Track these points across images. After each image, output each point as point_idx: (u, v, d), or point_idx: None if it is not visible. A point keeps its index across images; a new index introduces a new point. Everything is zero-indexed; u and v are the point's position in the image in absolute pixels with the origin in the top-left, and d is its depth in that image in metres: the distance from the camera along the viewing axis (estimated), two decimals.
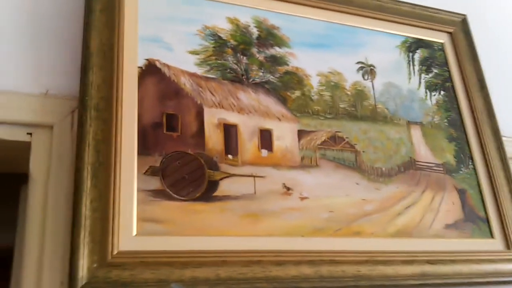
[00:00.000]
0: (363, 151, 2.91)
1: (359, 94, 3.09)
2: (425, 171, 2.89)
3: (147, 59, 2.63)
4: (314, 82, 2.99)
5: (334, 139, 2.89)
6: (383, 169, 2.90)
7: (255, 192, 2.47)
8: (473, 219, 2.72)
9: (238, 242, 2.29)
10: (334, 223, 2.52)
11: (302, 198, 2.52)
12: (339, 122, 2.96)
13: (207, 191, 2.47)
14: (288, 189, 2.60)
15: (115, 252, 2.06)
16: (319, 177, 2.72)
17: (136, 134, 2.41)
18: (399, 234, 2.61)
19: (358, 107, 3.05)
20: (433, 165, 3.08)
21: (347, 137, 2.94)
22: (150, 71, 2.62)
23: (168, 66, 2.68)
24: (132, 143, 2.39)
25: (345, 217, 2.58)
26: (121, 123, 2.39)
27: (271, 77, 2.90)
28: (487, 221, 2.76)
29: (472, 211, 2.76)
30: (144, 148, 2.42)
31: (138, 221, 2.20)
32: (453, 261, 2.45)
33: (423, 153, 3.06)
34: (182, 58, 2.74)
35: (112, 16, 2.61)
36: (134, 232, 2.11)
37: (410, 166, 2.99)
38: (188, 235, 2.21)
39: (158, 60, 2.66)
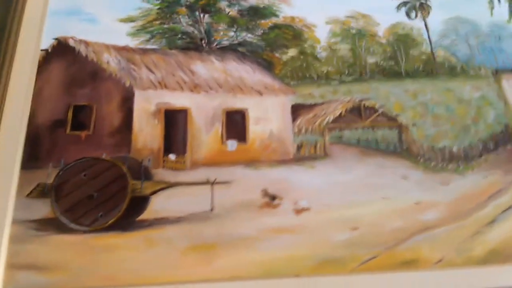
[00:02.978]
0: (413, 124, 1.87)
1: (403, 41, 2.14)
2: None
3: (56, 38, 1.99)
4: (322, 33, 2.09)
5: (359, 111, 1.92)
6: (454, 149, 1.83)
7: (212, 209, 1.77)
8: None
9: None
10: (361, 248, 1.70)
11: (299, 211, 1.63)
12: (367, 85, 2.01)
13: (127, 215, 1.75)
14: (273, 198, 1.66)
15: None
16: (330, 174, 1.78)
17: (21, 141, 1.70)
18: (492, 260, 1.69)
19: (401, 59, 2.03)
20: None
21: (381, 106, 1.91)
22: (59, 52, 1.98)
23: (86, 43, 2.02)
24: (13, 154, 1.70)
25: (384, 236, 1.74)
26: None
27: (249, 36, 2.06)
28: None
29: None
30: (33, 159, 1.74)
31: (6, 270, 1.59)
32: None
33: None
34: (109, 29, 2.08)
35: None
36: None
37: (507, 139, 1.84)
38: (92, 287, 1.58)
39: (72, 37, 2.01)
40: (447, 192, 1.85)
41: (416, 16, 2.24)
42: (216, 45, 2.12)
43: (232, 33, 2.14)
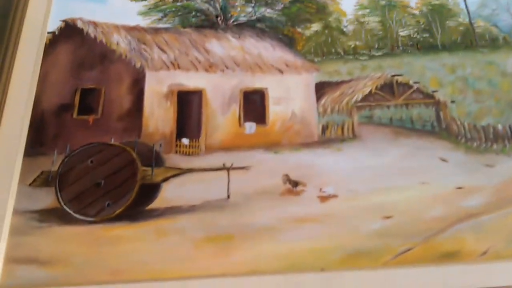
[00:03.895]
0: (452, 101, 1.68)
1: (437, 11, 1.95)
2: None
3: (63, 20, 1.87)
4: (348, 6, 1.92)
5: (391, 88, 1.75)
6: (499, 127, 1.62)
7: (228, 196, 1.62)
8: None
9: None
10: (395, 239, 1.52)
11: (324, 198, 1.53)
12: (400, 60, 1.84)
13: (136, 204, 1.62)
14: (295, 184, 1.50)
15: None
16: (359, 157, 1.62)
17: (25, 127, 1.60)
18: None
19: (437, 32, 1.85)
20: None
21: (417, 82, 1.73)
22: (66, 34, 1.89)
23: (95, 24, 1.91)
24: (17, 140, 1.59)
25: (421, 225, 1.56)
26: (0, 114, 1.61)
27: (268, 11, 1.90)
28: None
29: None
30: (37, 145, 1.63)
31: (5, 264, 1.47)
32: None
33: None
34: (119, 9, 1.97)
35: None
36: None
37: None
38: (96, 282, 1.45)
39: (80, 19, 1.89)
40: (493, 175, 1.67)
41: None
42: (233, 21, 1.97)
43: (250, 9, 1.99)
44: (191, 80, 1.82)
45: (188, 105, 1.77)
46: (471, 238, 1.52)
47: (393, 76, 1.87)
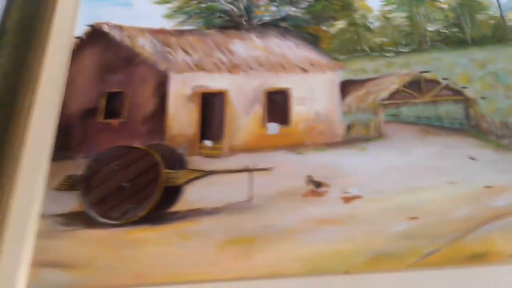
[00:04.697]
0: (482, 98, 1.63)
1: (467, 5, 1.89)
2: None
3: (90, 25, 1.92)
4: (374, 2, 1.91)
5: (418, 85, 1.71)
6: None
7: (251, 198, 1.62)
8: None
9: None
10: (421, 241, 1.49)
11: (348, 199, 1.63)
12: (428, 56, 1.82)
13: (159, 206, 1.63)
14: (318, 185, 1.48)
15: None
16: (385, 157, 1.58)
17: (52, 132, 1.68)
18: None
19: (466, 26, 1.80)
20: None
21: (445, 78, 1.69)
22: (93, 39, 1.92)
23: (121, 28, 1.94)
24: (44, 145, 1.63)
25: (448, 225, 1.53)
26: (27, 119, 1.73)
27: (293, 9, 1.89)
28: None
29: None
30: (64, 149, 1.67)
31: (33, 268, 1.49)
32: None
33: None
34: (144, 12, 2.00)
35: None
36: None
37: None
38: (120, 286, 1.46)
39: (106, 23, 1.92)
40: None
41: None
42: (257, 22, 1.97)
43: (274, 8, 1.98)
44: (214, 82, 1.83)
45: (211, 106, 1.78)
46: (500, 238, 1.47)
47: (421, 72, 1.83)
